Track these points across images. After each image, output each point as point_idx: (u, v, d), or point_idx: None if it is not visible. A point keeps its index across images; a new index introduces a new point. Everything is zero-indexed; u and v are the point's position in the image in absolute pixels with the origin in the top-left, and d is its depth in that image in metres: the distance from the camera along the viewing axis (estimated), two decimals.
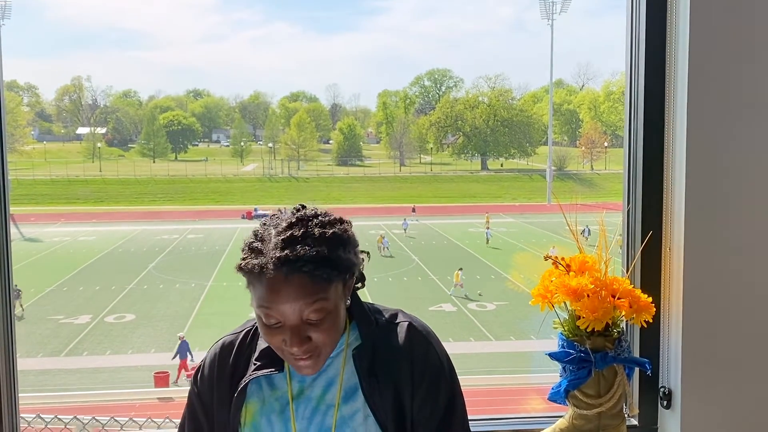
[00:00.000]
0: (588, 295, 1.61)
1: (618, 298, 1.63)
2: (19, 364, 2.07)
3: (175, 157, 77.29)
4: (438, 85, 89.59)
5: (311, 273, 1.35)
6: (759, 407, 1.96)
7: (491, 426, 2.06)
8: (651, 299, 1.66)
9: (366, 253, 1.55)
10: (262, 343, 1.52)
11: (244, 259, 1.39)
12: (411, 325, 1.52)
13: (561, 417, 1.73)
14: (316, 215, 1.44)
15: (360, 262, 1.49)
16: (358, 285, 1.56)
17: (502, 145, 73.84)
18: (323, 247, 1.37)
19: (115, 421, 3.31)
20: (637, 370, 1.87)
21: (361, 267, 1.57)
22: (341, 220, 1.46)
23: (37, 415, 3.37)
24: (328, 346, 1.43)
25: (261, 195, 56.66)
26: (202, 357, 1.62)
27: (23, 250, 34.39)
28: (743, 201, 1.90)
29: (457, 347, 18.94)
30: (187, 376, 16.62)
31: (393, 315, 1.54)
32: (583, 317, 1.61)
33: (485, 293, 25.91)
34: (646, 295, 1.67)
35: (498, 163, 73.68)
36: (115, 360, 19.64)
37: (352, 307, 1.52)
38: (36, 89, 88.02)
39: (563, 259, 1.68)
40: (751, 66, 1.88)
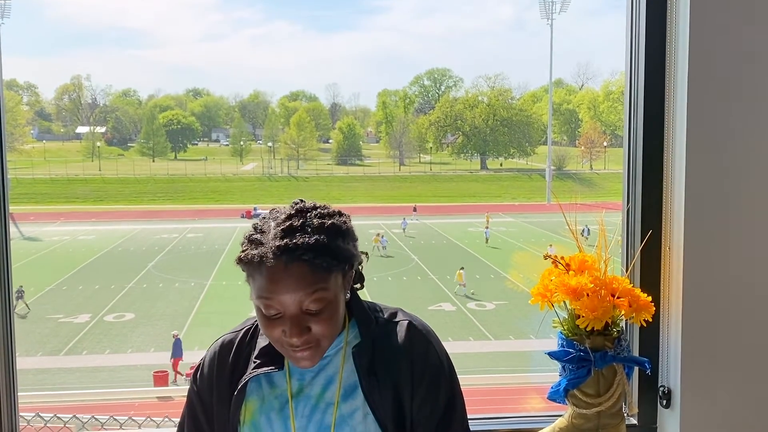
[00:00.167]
0: (587, 294, 1.61)
1: (617, 297, 1.63)
2: (19, 362, 2.07)
3: (175, 157, 77.28)
4: (437, 85, 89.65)
5: (311, 261, 1.35)
6: (758, 406, 1.96)
7: (491, 425, 2.06)
8: (650, 298, 1.66)
9: (364, 254, 1.56)
10: (262, 342, 1.52)
11: (243, 250, 1.40)
12: (411, 323, 1.52)
13: (560, 416, 1.73)
14: (315, 207, 1.45)
15: (359, 255, 1.49)
16: (357, 285, 1.56)
17: (501, 144, 73.86)
18: (322, 236, 1.38)
19: (114, 420, 3.31)
20: (636, 369, 1.87)
21: (360, 267, 1.57)
22: (340, 213, 1.47)
23: (37, 413, 3.37)
24: (327, 339, 1.43)
25: (260, 194, 56.65)
26: (201, 356, 1.62)
27: (23, 249, 34.40)
28: (743, 200, 1.90)
29: (456, 346, 18.95)
30: (186, 375, 16.60)
31: (393, 314, 1.54)
32: (582, 316, 1.61)
33: (485, 293, 25.90)
34: (646, 294, 1.67)
35: (497, 163, 73.67)
36: (115, 359, 19.64)
37: (352, 305, 1.52)
38: (35, 88, 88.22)
39: (563, 258, 1.68)
40: (750, 65, 1.88)
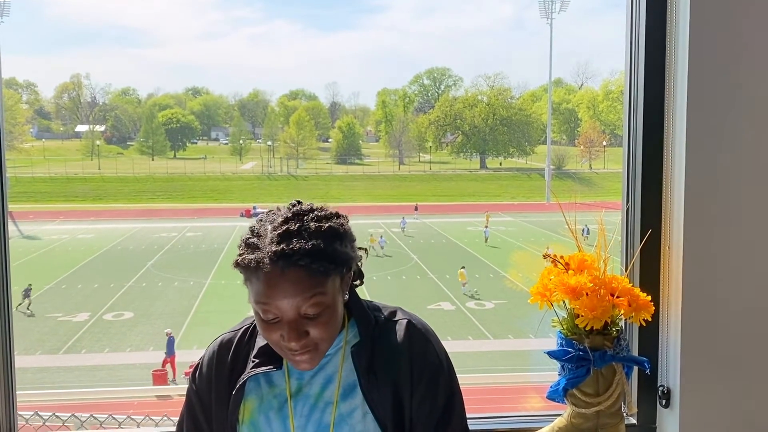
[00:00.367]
0: (587, 294, 1.61)
1: (617, 297, 1.63)
2: (18, 361, 2.07)
3: (174, 155, 77.18)
4: (437, 84, 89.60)
5: (308, 267, 1.35)
6: (758, 406, 1.96)
7: (490, 424, 2.06)
8: (650, 298, 1.66)
9: (364, 249, 1.55)
10: (261, 341, 1.52)
11: (240, 254, 1.40)
12: (410, 322, 1.51)
13: (559, 415, 1.73)
14: (312, 210, 1.44)
15: (357, 257, 1.49)
16: (356, 282, 1.56)
17: (501, 143, 73.82)
18: (319, 241, 1.37)
19: (113, 418, 3.30)
20: (635, 368, 1.87)
21: (359, 264, 1.56)
22: (337, 215, 1.46)
23: (35, 412, 3.36)
24: (325, 342, 1.43)
25: (260, 193, 56.64)
26: (200, 355, 1.62)
27: (22, 247, 34.38)
28: (742, 199, 1.90)
29: (455, 346, 18.95)
30: (185, 373, 16.60)
31: (392, 313, 1.54)
32: (581, 316, 1.61)
33: (484, 292, 25.91)
34: (645, 294, 1.67)
35: (497, 162, 73.64)
36: (114, 358, 19.64)
37: (351, 304, 1.52)
38: (35, 87, 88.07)
39: (562, 257, 1.68)
40: (750, 65, 1.88)
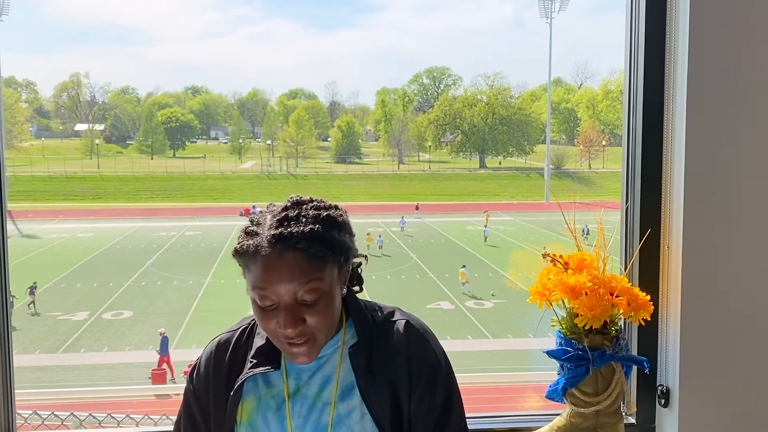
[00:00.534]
0: (586, 293, 1.61)
1: (616, 296, 1.63)
2: (17, 360, 2.06)
3: (173, 154, 77.20)
4: (437, 83, 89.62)
5: (306, 250, 1.36)
6: (757, 406, 1.96)
7: (488, 424, 2.06)
8: (649, 297, 1.66)
9: (364, 256, 1.56)
10: (259, 341, 1.52)
11: (240, 242, 1.41)
12: (408, 323, 1.51)
13: (558, 415, 1.73)
14: (311, 200, 1.47)
15: (355, 249, 1.50)
16: (356, 288, 1.56)
17: (500, 143, 73.84)
18: (318, 226, 1.39)
19: (112, 417, 3.30)
20: (634, 368, 1.87)
21: (359, 270, 1.57)
22: (336, 207, 1.48)
23: (34, 411, 3.36)
24: (322, 332, 1.42)
25: (259, 192, 56.61)
26: (198, 354, 1.62)
27: (21, 246, 34.38)
28: (742, 199, 1.90)
29: (454, 345, 18.96)
30: (184, 373, 16.60)
31: (390, 313, 1.54)
32: (581, 315, 1.61)
33: (483, 291, 25.91)
34: (644, 293, 1.67)
35: (496, 161, 73.68)
36: (113, 357, 19.64)
37: (349, 304, 1.52)
38: (34, 85, 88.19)
39: (561, 256, 1.68)
40: (750, 65, 1.87)
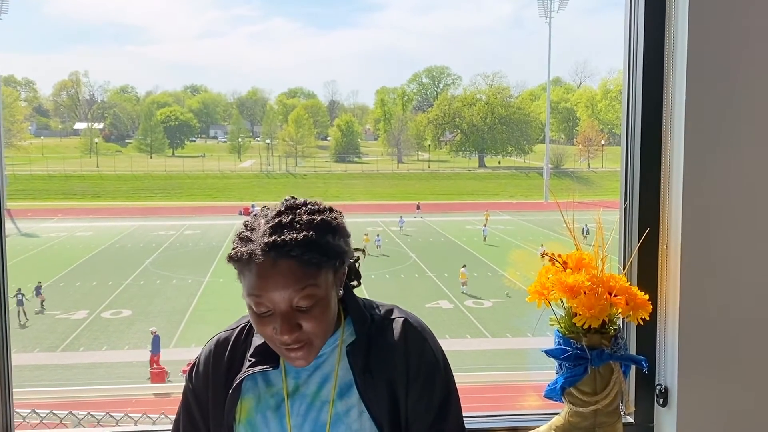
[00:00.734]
0: (584, 292, 1.61)
1: (614, 296, 1.63)
2: (16, 359, 2.06)
3: (173, 153, 77.13)
4: (436, 83, 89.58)
5: (299, 258, 1.35)
6: (755, 405, 1.96)
7: (487, 423, 2.06)
8: (647, 296, 1.66)
9: (361, 250, 1.55)
10: (257, 340, 1.51)
11: (234, 248, 1.41)
12: (406, 321, 1.51)
13: (557, 414, 1.73)
14: (305, 204, 1.45)
15: (351, 252, 1.49)
16: (353, 283, 1.56)
17: (499, 142, 73.82)
18: (312, 232, 1.38)
19: (111, 416, 3.30)
20: (633, 367, 1.87)
21: (356, 265, 1.56)
22: (331, 209, 1.47)
23: (32, 410, 3.37)
24: (319, 337, 1.42)
25: (258, 191, 56.61)
26: (197, 353, 1.62)
27: (20, 245, 34.36)
28: (740, 198, 1.90)
29: (453, 344, 18.97)
30: (183, 371, 16.59)
31: (388, 311, 1.54)
32: (579, 314, 1.60)
33: (482, 290, 25.91)
34: (643, 293, 1.66)
35: (495, 161, 73.64)
36: (112, 355, 19.64)
37: (347, 302, 1.52)
38: (33, 84, 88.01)
39: (560, 255, 1.68)
40: (749, 64, 1.87)
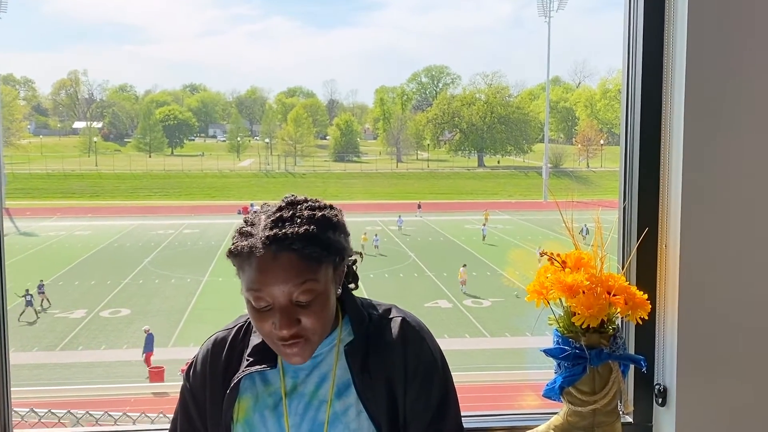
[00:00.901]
0: (583, 292, 1.61)
1: (613, 295, 1.63)
2: (14, 358, 2.06)
3: (171, 152, 77.14)
4: (435, 82, 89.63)
5: (300, 251, 1.35)
6: (754, 405, 1.96)
7: (485, 422, 2.06)
8: (646, 296, 1.66)
9: (359, 253, 1.55)
10: (255, 339, 1.51)
11: (234, 243, 1.41)
12: (404, 320, 1.51)
13: (555, 414, 1.73)
14: (306, 200, 1.46)
15: (351, 249, 1.49)
16: (351, 285, 1.56)
17: (498, 142, 73.87)
18: (312, 227, 1.38)
19: (109, 415, 3.30)
20: (632, 367, 1.87)
21: (354, 267, 1.56)
22: (331, 206, 1.48)
23: (31, 409, 3.37)
24: (316, 333, 1.42)
25: (257, 190, 56.60)
26: (195, 353, 1.62)
27: (19, 244, 34.34)
28: (740, 198, 1.90)
29: (452, 343, 18.98)
30: (181, 370, 16.59)
31: (386, 310, 1.54)
32: (578, 314, 1.60)
33: (482, 290, 25.92)
34: (642, 292, 1.66)
35: (494, 160, 73.68)
36: (110, 355, 19.64)
37: (345, 302, 1.52)
38: (32, 83, 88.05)
39: (558, 255, 1.67)
40: (748, 64, 1.87)
